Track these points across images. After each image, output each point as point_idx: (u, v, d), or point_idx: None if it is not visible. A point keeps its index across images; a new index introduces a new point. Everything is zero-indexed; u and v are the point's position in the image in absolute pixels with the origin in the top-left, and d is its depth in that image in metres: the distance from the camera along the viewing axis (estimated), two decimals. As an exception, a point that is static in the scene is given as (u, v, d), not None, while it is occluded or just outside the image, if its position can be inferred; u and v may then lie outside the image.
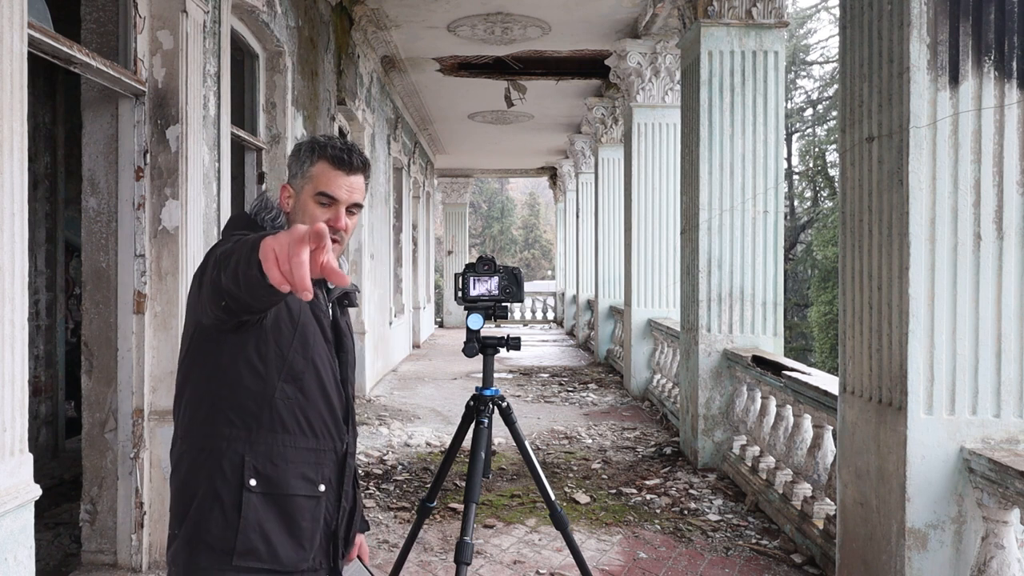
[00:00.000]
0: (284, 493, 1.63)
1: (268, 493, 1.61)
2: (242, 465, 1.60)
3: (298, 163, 1.71)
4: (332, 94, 7.10)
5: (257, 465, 1.60)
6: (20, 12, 2.53)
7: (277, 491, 1.62)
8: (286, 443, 1.63)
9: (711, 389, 5.90)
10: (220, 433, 1.62)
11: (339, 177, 1.67)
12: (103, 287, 3.78)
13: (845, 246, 3.40)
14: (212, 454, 1.62)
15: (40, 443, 5.62)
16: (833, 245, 21.50)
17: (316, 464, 1.67)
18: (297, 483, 1.64)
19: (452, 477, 5.33)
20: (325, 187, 1.67)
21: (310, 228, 1.12)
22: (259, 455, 1.61)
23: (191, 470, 1.64)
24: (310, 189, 1.68)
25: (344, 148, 1.69)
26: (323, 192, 1.66)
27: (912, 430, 2.89)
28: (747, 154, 5.86)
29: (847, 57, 3.39)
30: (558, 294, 21.33)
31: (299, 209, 1.69)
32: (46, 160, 5.85)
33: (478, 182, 36.03)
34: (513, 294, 2.90)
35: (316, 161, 1.68)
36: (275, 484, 1.62)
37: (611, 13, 8.00)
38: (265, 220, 1.74)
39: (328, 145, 1.69)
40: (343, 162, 1.68)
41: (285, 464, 1.63)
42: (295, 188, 1.71)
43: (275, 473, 1.62)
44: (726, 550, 4.22)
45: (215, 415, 1.63)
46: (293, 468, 1.63)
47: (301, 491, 1.64)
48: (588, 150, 14.34)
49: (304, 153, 1.71)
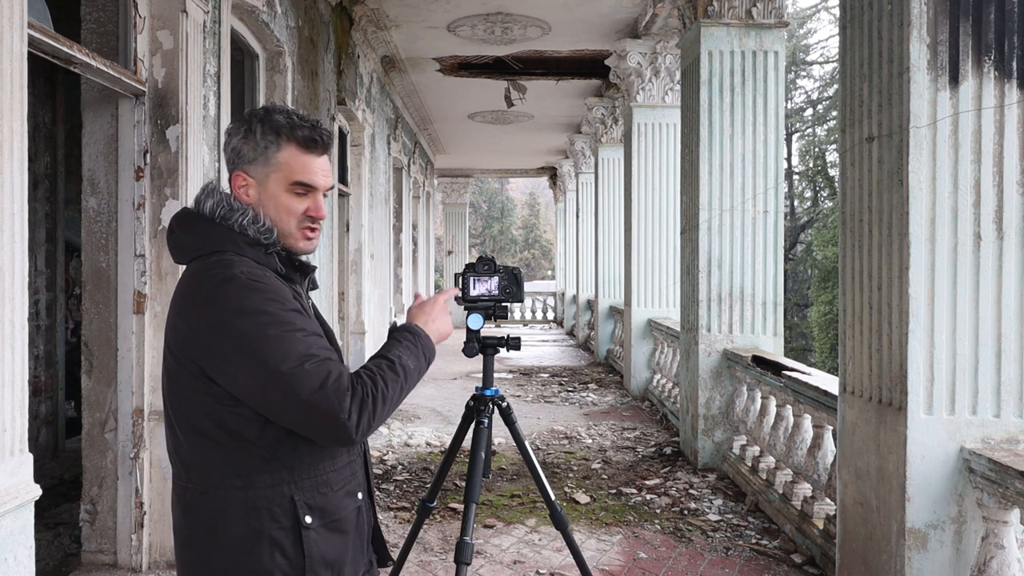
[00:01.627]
0: (336, 517, 1.54)
1: (324, 524, 1.51)
2: (294, 506, 1.47)
3: (253, 146, 1.50)
4: (332, 94, 7.10)
5: (309, 502, 1.49)
6: (20, 12, 2.53)
7: (331, 518, 1.52)
8: (327, 469, 1.52)
9: (711, 389, 5.90)
10: (258, 481, 1.46)
11: (312, 161, 1.51)
12: (103, 287, 3.78)
13: (845, 246, 3.40)
14: (254, 507, 1.45)
15: (40, 443, 5.61)
16: (833, 245, 21.50)
17: (352, 476, 1.59)
18: (345, 502, 1.56)
19: (452, 477, 5.33)
20: (302, 176, 1.50)
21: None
22: (306, 490, 1.49)
23: (225, 528, 1.46)
24: (280, 179, 1.50)
25: (310, 126, 1.51)
26: (300, 182, 1.50)
27: (912, 430, 2.89)
28: (747, 154, 5.86)
29: (847, 57, 3.39)
30: (558, 294, 21.33)
31: (267, 201, 1.51)
32: (46, 160, 5.84)
33: (478, 182, 36.04)
34: (513, 294, 2.90)
35: (283, 145, 1.49)
36: (328, 512, 1.52)
37: (611, 13, 7.99)
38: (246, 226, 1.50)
39: (294, 126, 1.50)
40: (315, 143, 1.51)
41: (332, 490, 1.53)
42: (255, 177, 1.51)
43: (326, 503, 1.51)
44: (726, 550, 4.22)
45: (248, 463, 1.46)
46: (340, 490, 1.55)
47: (348, 508, 1.57)
48: (588, 150, 14.34)
49: (264, 135, 1.50)
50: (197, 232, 1.52)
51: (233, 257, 1.47)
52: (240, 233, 1.49)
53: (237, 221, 1.49)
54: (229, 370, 1.40)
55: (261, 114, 1.52)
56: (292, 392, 1.36)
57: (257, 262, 1.49)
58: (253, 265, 1.47)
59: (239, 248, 1.49)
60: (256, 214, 1.51)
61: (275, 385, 1.37)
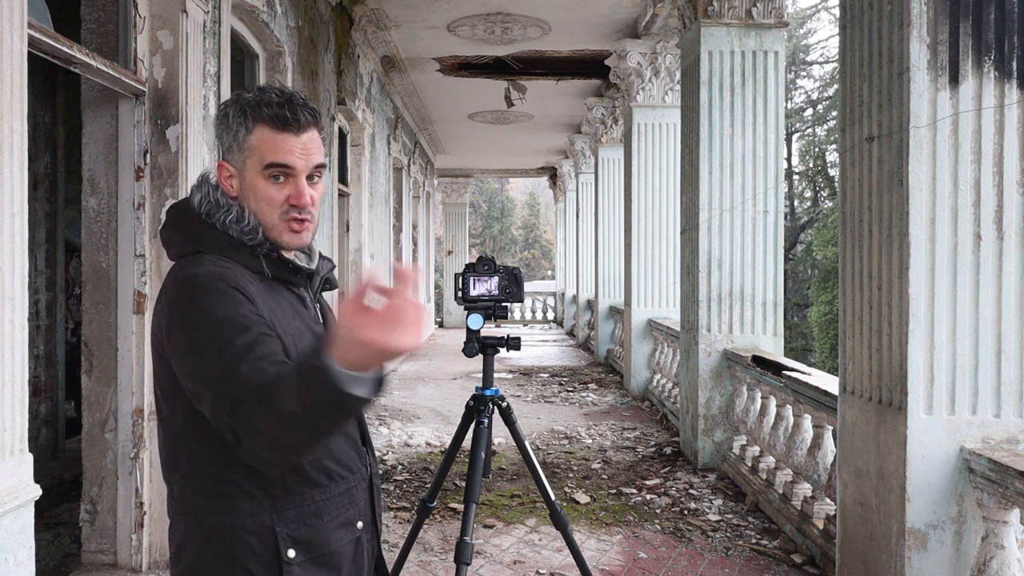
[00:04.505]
0: (329, 551, 1.38)
1: (311, 559, 1.35)
2: (275, 538, 1.32)
3: (230, 133, 1.35)
4: (332, 94, 7.10)
5: (291, 534, 1.33)
6: (20, 12, 2.53)
7: (320, 552, 1.37)
8: (317, 498, 1.37)
9: (711, 389, 5.90)
10: (237, 509, 1.32)
11: (287, 140, 1.33)
12: (103, 287, 3.78)
13: (845, 246, 3.40)
14: (231, 535, 1.32)
15: (40, 443, 5.61)
16: (833, 245, 21.50)
17: (351, 504, 1.42)
18: (337, 535, 1.39)
19: (452, 477, 5.33)
20: (273, 156, 1.33)
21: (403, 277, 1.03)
22: (290, 521, 1.34)
23: (204, 556, 1.34)
24: (254, 164, 1.34)
25: (283, 101, 1.33)
26: (272, 163, 1.33)
27: (912, 430, 2.89)
28: (747, 154, 5.86)
29: (847, 57, 3.39)
30: (558, 294, 21.33)
31: (247, 191, 1.36)
32: (46, 160, 5.85)
33: (478, 182, 36.03)
34: (513, 294, 2.90)
35: (253, 127, 1.33)
36: (316, 546, 1.36)
37: (611, 13, 8.00)
38: (228, 224, 1.36)
39: (262, 103, 1.33)
40: (287, 121, 1.32)
41: (322, 522, 1.37)
42: (235, 166, 1.36)
43: (314, 535, 1.36)
44: (726, 550, 4.22)
45: (227, 489, 1.32)
46: (331, 521, 1.38)
47: (343, 540, 1.41)
48: (588, 150, 14.34)
49: (235, 119, 1.34)
50: (184, 230, 1.40)
51: (208, 257, 1.34)
52: (223, 232, 1.36)
53: (220, 219, 1.36)
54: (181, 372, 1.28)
55: (234, 96, 1.38)
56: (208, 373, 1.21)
57: (244, 266, 1.35)
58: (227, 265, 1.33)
59: (222, 249, 1.35)
60: (241, 211, 1.37)
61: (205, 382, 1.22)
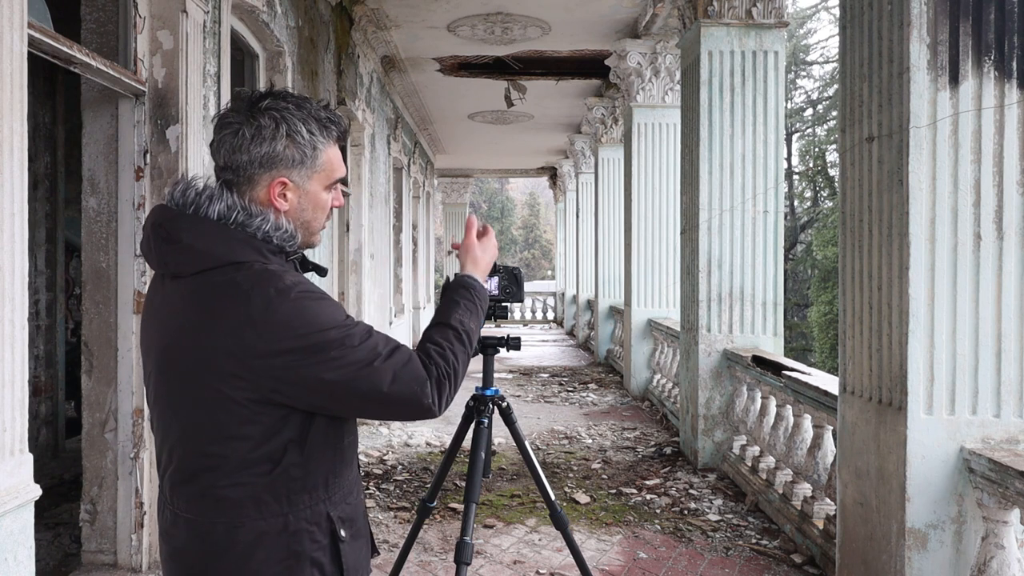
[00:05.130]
0: (359, 525, 1.51)
1: (351, 533, 1.47)
2: (331, 523, 1.42)
3: (299, 150, 1.38)
4: (332, 94, 7.10)
5: (341, 515, 1.45)
6: (20, 12, 2.53)
7: (355, 526, 1.49)
8: (349, 476, 1.49)
9: (711, 389, 5.90)
10: (298, 503, 1.38)
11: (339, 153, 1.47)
12: (103, 287, 3.78)
13: (845, 246, 3.40)
14: (295, 530, 1.38)
15: (40, 443, 5.61)
16: (833, 245, 21.50)
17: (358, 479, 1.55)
18: (360, 506, 1.54)
19: (452, 477, 5.33)
20: (341, 171, 1.46)
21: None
22: (338, 504, 1.45)
23: (267, 557, 1.37)
24: (323, 178, 1.43)
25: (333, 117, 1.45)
26: (342, 179, 1.47)
27: (912, 430, 2.89)
28: (747, 154, 5.86)
29: (847, 57, 3.39)
30: (558, 294, 21.33)
31: (307, 203, 1.43)
32: (46, 160, 5.84)
33: (478, 182, 36.04)
34: (513, 294, 2.90)
35: (326, 147, 1.42)
36: (354, 520, 1.49)
37: (611, 13, 7.99)
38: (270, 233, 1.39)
39: (331, 122, 1.43)
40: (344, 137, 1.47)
41: (353, 497, 1.50)
42: (296, 180, 1.41)
43: (351, 512, 1.49)
44: (726, 550, 4.22)
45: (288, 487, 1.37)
46: (356, 495, 1.52)
47: (362, 509, 1.55)
48: (588, 150, 14.34)
49: (312, 138, 1.40)
50: (214, 239, 1.35)
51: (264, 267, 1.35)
52: (263, 240, 1.37)
53: (259, 228, 1.36)
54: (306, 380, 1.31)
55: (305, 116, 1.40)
56: (376, 388, 1.33)
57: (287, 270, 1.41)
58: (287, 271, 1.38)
59: (264, 257, 1.36)
60: (277, 220, 1.39)
61: (359, 385, 1.32)
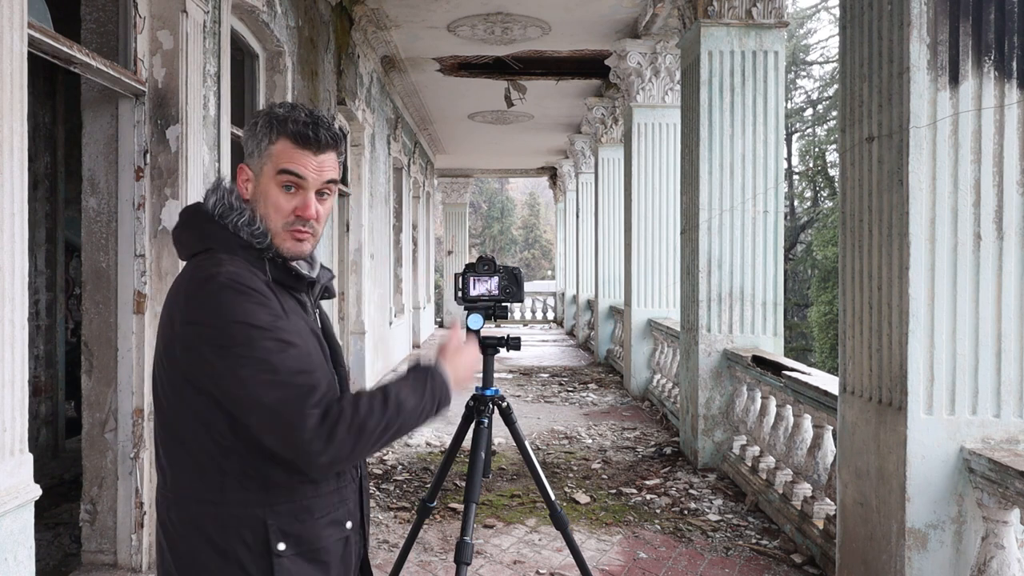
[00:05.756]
0: (316, 547, 1.44)
1: (300, 553, 1.41)
2: (265, 530, 1.38)
3: (255, 140, 1.44)
4: (332, 94, 7.10)
5: (284, 528, 1.39)
6: (20, 12, 2.53)
7: (309, 547, 1.42)
8: (309, 494, 1.42)
9: (711, 389, 5.90)
10: (230, 498, 1.38)
11: (305, 157, 1.41)
12: (103, 287, 3.78)
13: (845, 246, 3.40)
14: (224, 523, 1.38)
15: (40, 443, 5.61)
16: (833, 245, 21.50)
17: (342, 503, 1.49)
18: (327, 532, 1.45)
19: (452, 477, 5.33)
20: (288, 163, 1.41)
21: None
22: (282, 515, 1.39)
23: (195, 543, 1.40)
24: (270, 170, 1.42)
25: (309, 121, 1.42)
26: (285, 169, 1.41)
27: (912, 430, 2.89)
28: (747, 154, 5.86)
29: (847, 57, 3.39)
30: (558, 294, 21.33)
31: (259, 195, 1.44)
32: (46, 160, 5.84)
33: (478, 182, 36.03)
34: (513, 294, 2.90)
35: (276, 139, 1.42)
36: (306, 541, 1.42)
37: (611, 13, 7.99)
38: (240, 227, 1.43)
39: (289, 119, 1.42)
40: (308, 140, 1.41)
41: (312, 518, 1.43)
42: (253, 170, 1.45)
43: (304, 531, 1.42)
44: (726, 550, 4.22)
45: (222, 478, 1.38)
46: (321, 519, 1.44)
47: (332, 538, 1.47)
48: (588, 150, 14.34)
49: (261, 128, 1.44)
50: (196, 229, 1.46)
51: (222, 256, 1.41)
52: (234, 234, 1.43)
53: (233, 221, 1.43)
54: (209, 372, 1.34)
55: (266, 109, 1.47)
56: (257, 400, 1.31)
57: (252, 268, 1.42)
58: (241, 266, 1.40)
59: (231, 249, 1.42)
60: (252, 215, 1.44)
61: (244, 389, 1.31)
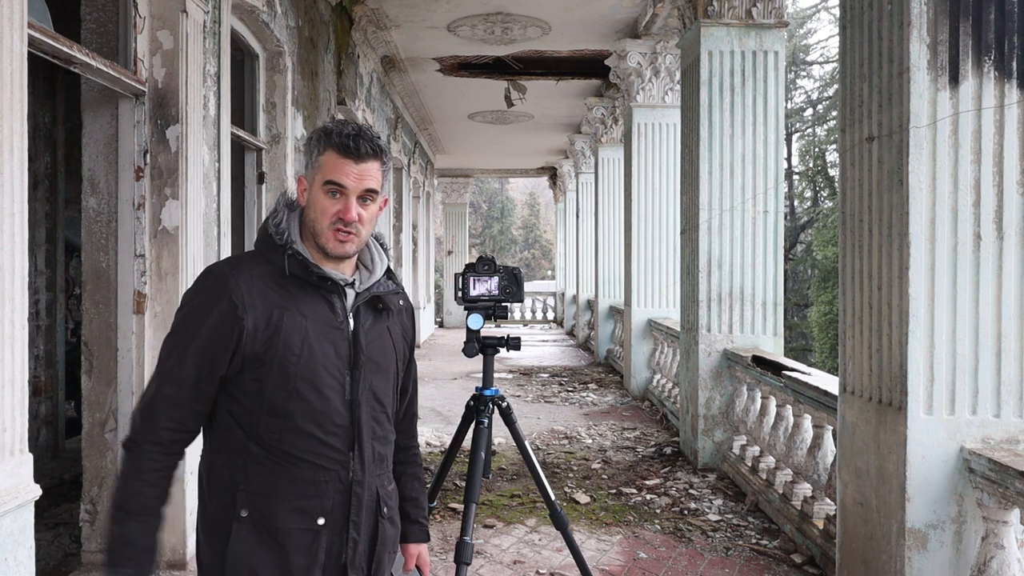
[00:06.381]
0: (275, 526, 1.57)
1: (259, 525, 1.56)
2: (235, 493, 1.57)
3: (309, 153, 1.65)
4: (332, 94, 7.10)
5: (250, 496, 1.56)
6: (20, 12, 2.52)
7: (267, 524, 1.57)
8: (277, 474, 1.57)
9: (711, 389, 5.90)
10: (221, 460, 1.61)
11: (347, 165, 1.58)
12: (103, 287, 3.78)
13: (845, 246, 3.40)
14: (216, 477, 1.61)
15: (40, 443, 5.61)
16: (833, 245, 21.50)
17: (316, 496, 1.58)
18: (289, 516, 1.57)
19: (452, 477, 5.33)
20: (332, 175, 1.59)
21: None
22: (252, 485, 1.57)
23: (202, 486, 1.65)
24: (319, 179, 1.60)
25: (352, 135, 1.59)
26: (330, 180, 1.59)
27: (912, 430, 2.89)
28: (747, 154, 5.86)
29: (847, 57, 3.39)
30: (558, 294, 21.33)
31: (311, 202, 1.62)
32: (46, 160, 5.84)
33: (478, 182, 36.02)
34: (513, 294, 2.90)
35: (324, 150, 1.60)
36: (265, 516, 1.56)
37: (611, 13, 7.99)
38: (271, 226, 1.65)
39: (335, 132, 1.60)
40: (349, 150, 1.58)
41: (276, 497, 1.57)
42: (308, 180, 1.65)
43: (265, 505, 1.56)
44: (726, 550, 4.22)
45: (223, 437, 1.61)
46: (285, 501, 1.57)
47: (295, 524, 1.57)
48: (588, 150, 14.34)
49: (314, 142, 1.64)
50: (258, 231, 1.71)
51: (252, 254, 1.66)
52: (267, 233, 1.64)
53: (270, 222, 1.65)
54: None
55: (320, 125, 1.72)
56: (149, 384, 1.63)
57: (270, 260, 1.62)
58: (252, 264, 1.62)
59: (262, 247, 1.65)
60: (282, 217, 1.65)
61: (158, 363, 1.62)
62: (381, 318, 1.70)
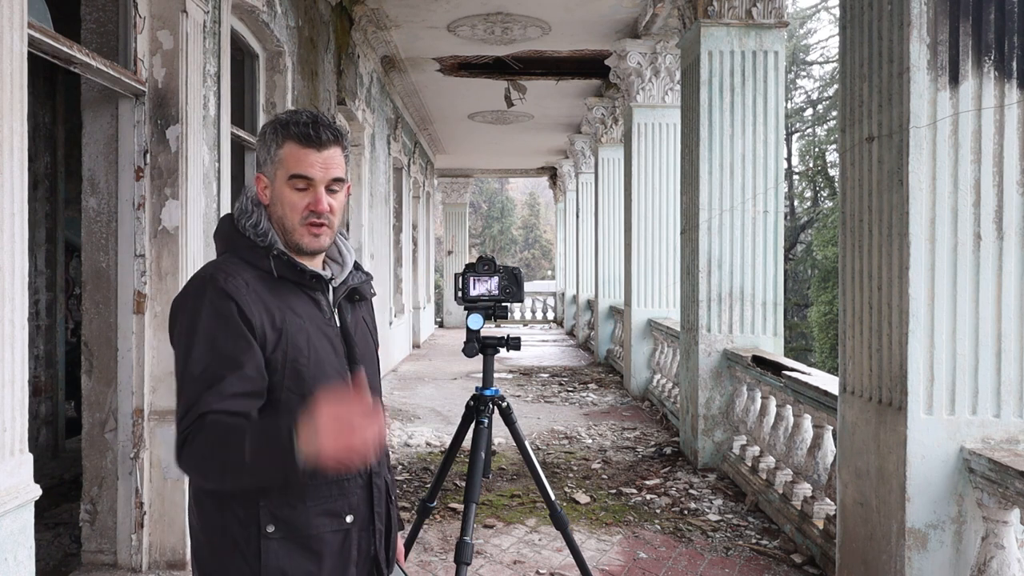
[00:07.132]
0: (306, 534, 1.50)
1: (288, 537, 1.49)
2: (257, 510, 1.47)
3: (265, 148, 1.57)
4: (332, 94, 7.10)
5: (274, 510, 1.47)
6: (20, 12, 2.53)
7: (298, 534, 1.49)
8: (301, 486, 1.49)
9: (711, 389, 5.90)
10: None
11: (310, 155, 1.53)
12: (103, 287, 3.78)
13: (845, 246, 3.40)
14: (224, 500, 1.49)
15: (40, 443, 5.62)
16: (833, 245, 21.50)
17: (342, 495, 1.53)
18: (320, 521, 1.51)
19: (452, 477, 5.33)
20: (297, 168, 1.52)
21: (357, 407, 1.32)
22: (273, 498, 1.47)
23: (207, 516, 1.53)
24: (282, 175, 1.54)
25: (309, 122, 1.54)
26: (295, 174, 1.52)
27: (912, 430, 2.89)
28: (747, 154, 5.86)
29: (847, 57, 3.39)
30: (558, 294, 21.33)
31: (276, 199, 1.56)
32: (46, 160, 5.84)
33: (478, 182, 36.02)
34: (513, 294, 2.90)
35: (283, 143, 1.54)
36: (295, 527, 1.49)
37: (611, 13, 8.00)
38: (247, 228, 1.57)
39: (291, 122, 1.54)
40: (310, 139, 1.53)
41: (303, 505, 1.49)
42: (268, 176, 1.57)
43: (294, 517, 1.49)
44: (726, 550, 4.22)
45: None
46: (313, 507, 1.50)
47: (326, 528, 1.52)
48: (588, 150, 14.34)
49: (268, 136, 1.56)
50: (221, 234, 1.63)
51: (229, 258, 1.55)
52: (243, 236, 1.56)
53: (243, 224, 1.57)
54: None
55: (271, 118, 1.60)
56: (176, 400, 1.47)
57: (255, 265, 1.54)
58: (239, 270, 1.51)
59: (240, 251, 1.56)
60: (259, 217, 1.57)
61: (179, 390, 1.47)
62: (356, 309, 1.69)
